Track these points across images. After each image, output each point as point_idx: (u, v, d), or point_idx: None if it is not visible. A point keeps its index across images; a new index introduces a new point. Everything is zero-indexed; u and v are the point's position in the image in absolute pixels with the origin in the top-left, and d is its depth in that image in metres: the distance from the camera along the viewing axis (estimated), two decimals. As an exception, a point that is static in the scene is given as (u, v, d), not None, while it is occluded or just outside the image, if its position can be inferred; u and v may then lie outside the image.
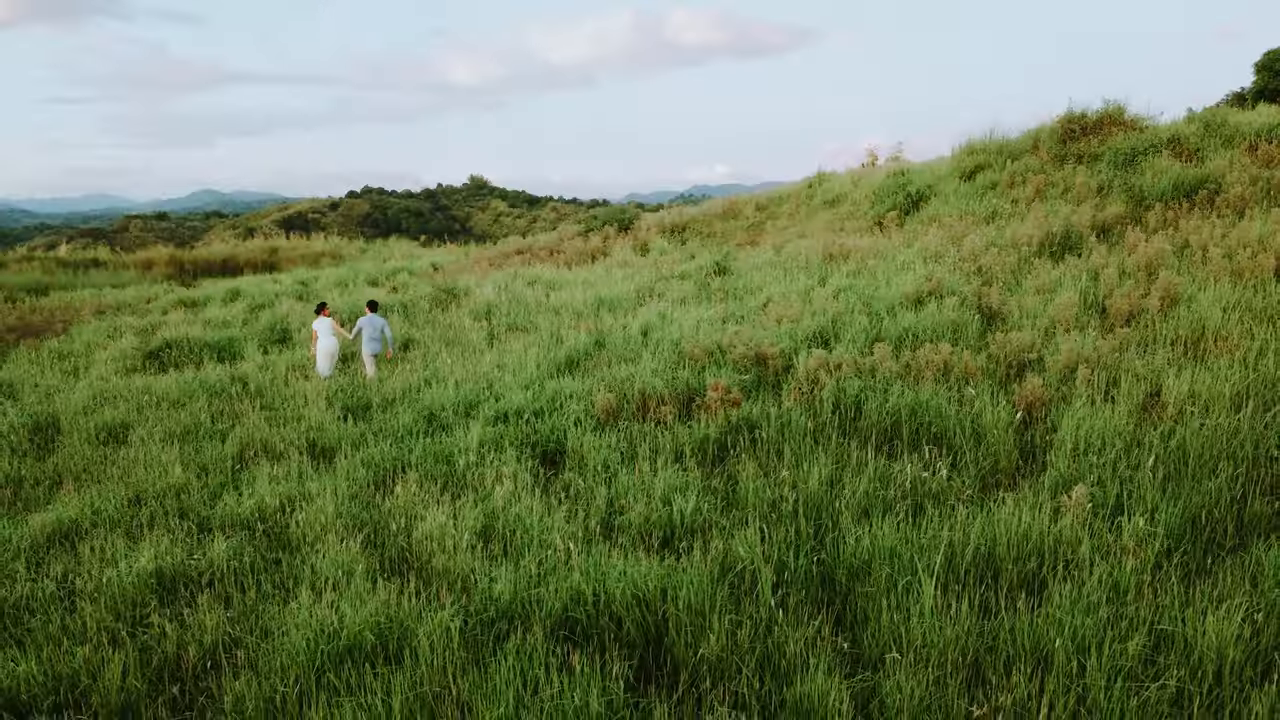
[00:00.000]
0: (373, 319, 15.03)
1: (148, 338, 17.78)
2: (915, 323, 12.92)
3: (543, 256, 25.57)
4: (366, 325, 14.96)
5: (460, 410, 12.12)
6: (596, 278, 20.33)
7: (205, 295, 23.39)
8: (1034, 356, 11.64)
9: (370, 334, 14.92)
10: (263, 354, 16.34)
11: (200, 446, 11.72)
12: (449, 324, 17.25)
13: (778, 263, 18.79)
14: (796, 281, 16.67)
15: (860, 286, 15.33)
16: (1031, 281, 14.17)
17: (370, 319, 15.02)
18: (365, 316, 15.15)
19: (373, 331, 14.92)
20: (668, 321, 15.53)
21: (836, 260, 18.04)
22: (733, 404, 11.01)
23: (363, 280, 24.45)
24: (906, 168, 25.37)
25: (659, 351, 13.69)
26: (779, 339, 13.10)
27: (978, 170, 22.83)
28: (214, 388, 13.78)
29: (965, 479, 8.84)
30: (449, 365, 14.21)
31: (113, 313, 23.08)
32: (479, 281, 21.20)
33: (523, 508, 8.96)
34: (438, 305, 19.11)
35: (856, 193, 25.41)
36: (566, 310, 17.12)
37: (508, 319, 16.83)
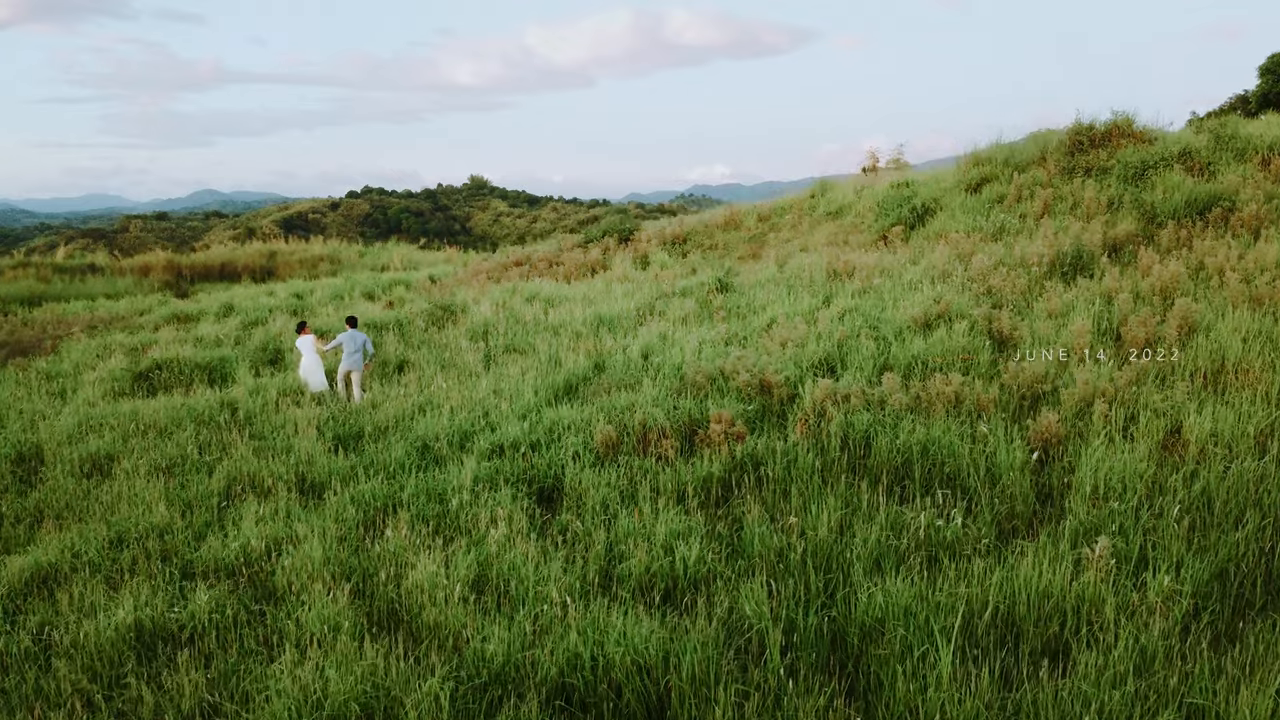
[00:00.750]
0: (353, 334, 14.98)
1: (137, 358, 17.41)
2: (924, 349, 12.55)
3: (541, 268, 25.19)
4: (347, 341, 14.92)
5: (455, 441, 11.75)
6: (596, 294, 19.95)
7: (199, 309, 23.01)
8: (1048, 388, 11.26)
9: (350, 349, 14.87)
10: (254, 376, 15.98)
11: (186, 480, 11.35)
12: (445, 344, 16.88)
13: (781, 279, 18.41)
14: (800, 301, 16.29)
15: (866, 308, 14.95)
16: (1043, 305, 13.79)
17: (350, 334, 14.97)
18: (345, 332, 15.10)
19: (353, 347, 14.86)
20: (669, 344, 15.16)
21: (841, 277, 17.67)
22: (737, 438, 10.63)
23: (359, 294, 24.08)
24: (910, 179, 24.99)
25: (660, 377, 13.32)
26: (784, 365, 12.73)
27: (984, 182, 22.45)
28: (202, 416, 13.41)
29: (981, 526, 8.47)
30: (444, 391, 13.83)
31: (104, 328, 22.72)
32: (476, 297, 20.83)
33: (518, 554, 8.59)
34: (434, 323, 18.73)
35: (860, 203, 25.03)
36: (565, 330, 16.74)
37: (505, 339, 16.45)
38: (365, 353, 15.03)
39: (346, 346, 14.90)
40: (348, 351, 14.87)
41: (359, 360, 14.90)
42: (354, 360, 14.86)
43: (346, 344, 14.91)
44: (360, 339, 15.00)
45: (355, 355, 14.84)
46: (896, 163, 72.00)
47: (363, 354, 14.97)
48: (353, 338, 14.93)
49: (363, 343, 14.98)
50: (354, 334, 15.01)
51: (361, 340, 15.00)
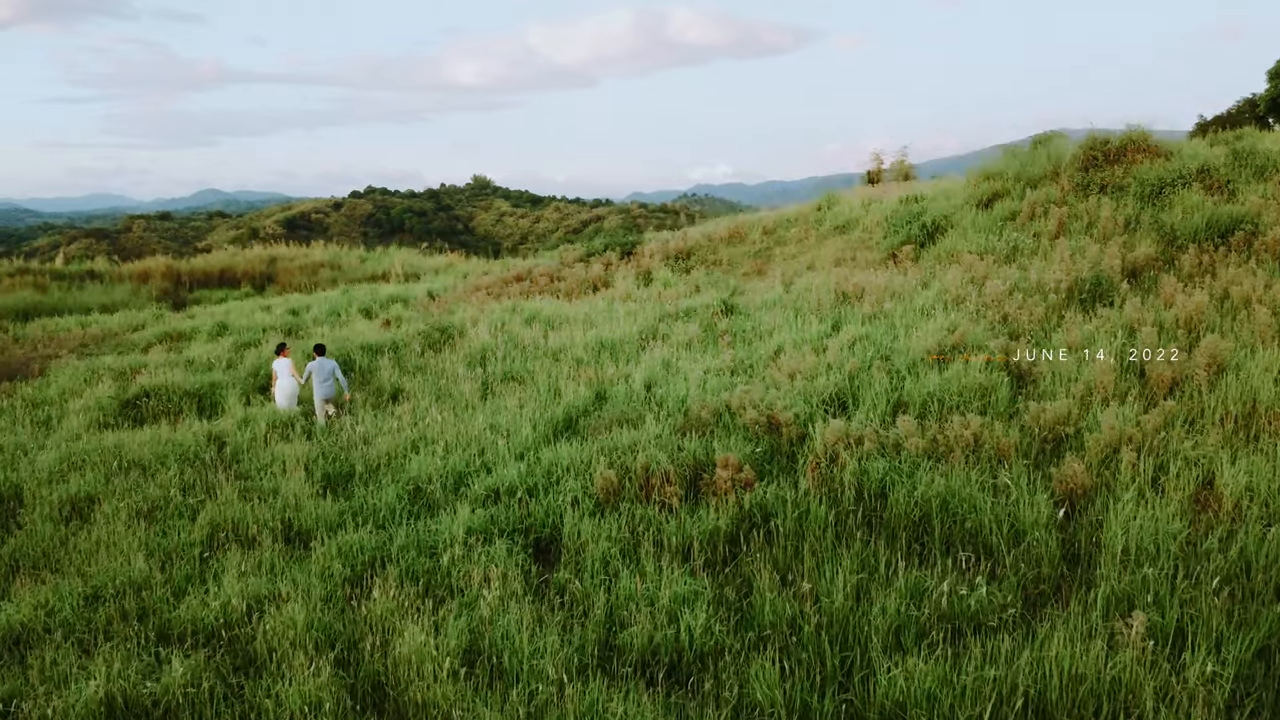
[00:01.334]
0: (322, 363, 14.90)
1: (126, 384, 16.93)
2: (940, 385, 12.02)
3: (542, 284, 24.69)
4: (316, 370, 14.84)
5: (448, 484, 11.25)
6: (598, 314, 19.44)
7: (192, 327, 22.53)
8: (1070, 431, 10.74)
9: (321, 377, 14.79)
10: (244, 405, 15.48)
11: (168, 526, 10.86)
12: (441, 371, 16.37)
13: (787, 301, 17.89)
14: (808, 326, 15.77)
15: (878, 336, 14.43)
16: (1062, 336, 13.26)
17: (320, 363, 14.89)
18: (314, 361, 14.98)
19: (323, 375, 14.79)
20: (672, 372, 14.65)
21: (850, 300, 17.14)
22: (744, 485, 10.12)
23: (355, 310, 23.59)
24: (920, 193, 24.46)
25: (663, 412, 12.82)
26: (792, 401, 12.21)
27: (995, 198, 21.91)
28: (188, 453, 12.91)
29: (1007, 593, 7.95)
30: (439, 425, 13.33)
31: (95, 346, 22.25)
32: (475, 317, 20.32)
33: (512, 620, 8.09)
34: (430, 346, 18.22)
35: (868, 217, 24.49)
36: (566, 355, 16.24)
37: (503, 366, 15.94)
38: (336, 380, 15.00)
39: (316, 375, 14.86)
40: (318, 380, 14.84)
41: (330, 387, 14.90)
42: (326, 388, 14.87)
43: (315, 373, 14.87)
44: (329, 367, 14.96)
45: (326, 383, 14.85)
46: (901, 165, 71.30)
47: (334, 381, 14.94)
48: (321, 366, 14.89)
49: (331, 370, 14.94)
50: (322, 362, 14.95)
51: (330, 368, 14.96)
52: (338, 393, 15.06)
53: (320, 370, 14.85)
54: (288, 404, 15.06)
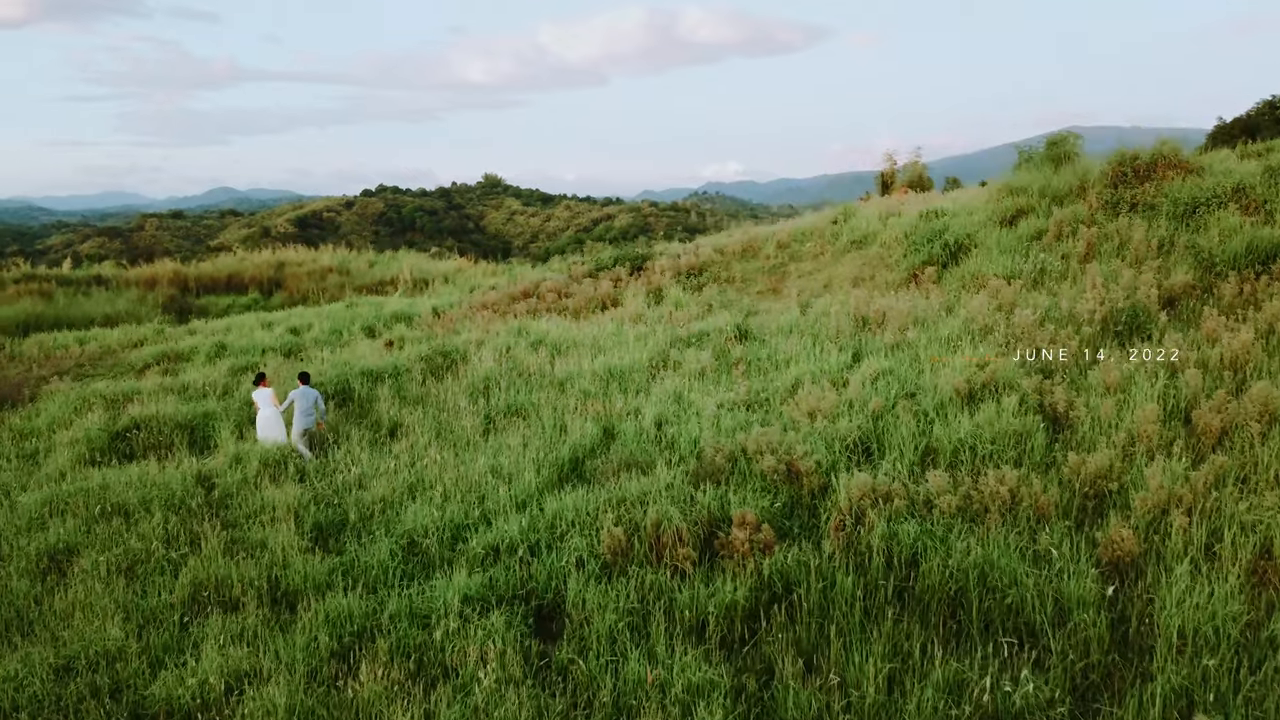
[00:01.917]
0: (305, 392, 14.45)
1: (116, 414, 16.32)
2: (972, 431, 11.27)
3: (550, 301, 23.99)
4: (299, 399, 14.39)
5: (445, 539, 10.57)
6: (606, 337, 18.74)
7: (190, 347, 21.92)
8: (1114, 487, 9.99)
9: (303, 408, 14.36)
10: (236, 439, 14.84)
11: (149, 583, 10.22)
12: (442, 402, 15.70)
13: (804, 326, 17.15)
14: (827, 357, 15.04)
15: (902, 371, 13.69)
16: (1099, 375, 12.49)
17: (302, 392, 14.44)
18: (297, 389, 14.53)
19: (305, 405, 14.37)
20: (684, 406, 13.94)
21: (871, 326, 16.40)
22: (763, 547, 9.41)
23: (359, 329, 22.94)
24: (940, 207, 23.66)
25: (675, 455, 12.13)
26: (813, 446, 11.48)
27: (1019, 215, 21.12)
28: (174, 496, 12.26)
29: (1055, 687, 7.21)
30: (438, 466, 12.65)
31: (91, 366, 21.67)
32: (480, 338, 19.65)
33: (509, 709, 7.40)
34: (433, 372, 17.55)
35: (886, 233, 23.71)
36: (573, 385, 15.55)
37: (507, 397, 15.25)
38: (318, 410, 14.56)
39: (298, 405, 14.41)
40: (300, 410, 14.39)
41: (311, 419, 14.44)
42: (308, 419, 14.42)
43: (298, 402, 14.41)
44: (312, 396, 14.51)
45: (309, 415, 14.40)
46: (915, 166, 70.34)
47: (315, 412, 14.48)
48: (304, 395, 14.43)
49: (314, 400, 14.50)
50: (305, 391, 14.49)
51: (314, 398, 14.52)
52: (315, 423, 14.66)
53: (303, 400, 14.44)
54: (269, 434, 14.62)
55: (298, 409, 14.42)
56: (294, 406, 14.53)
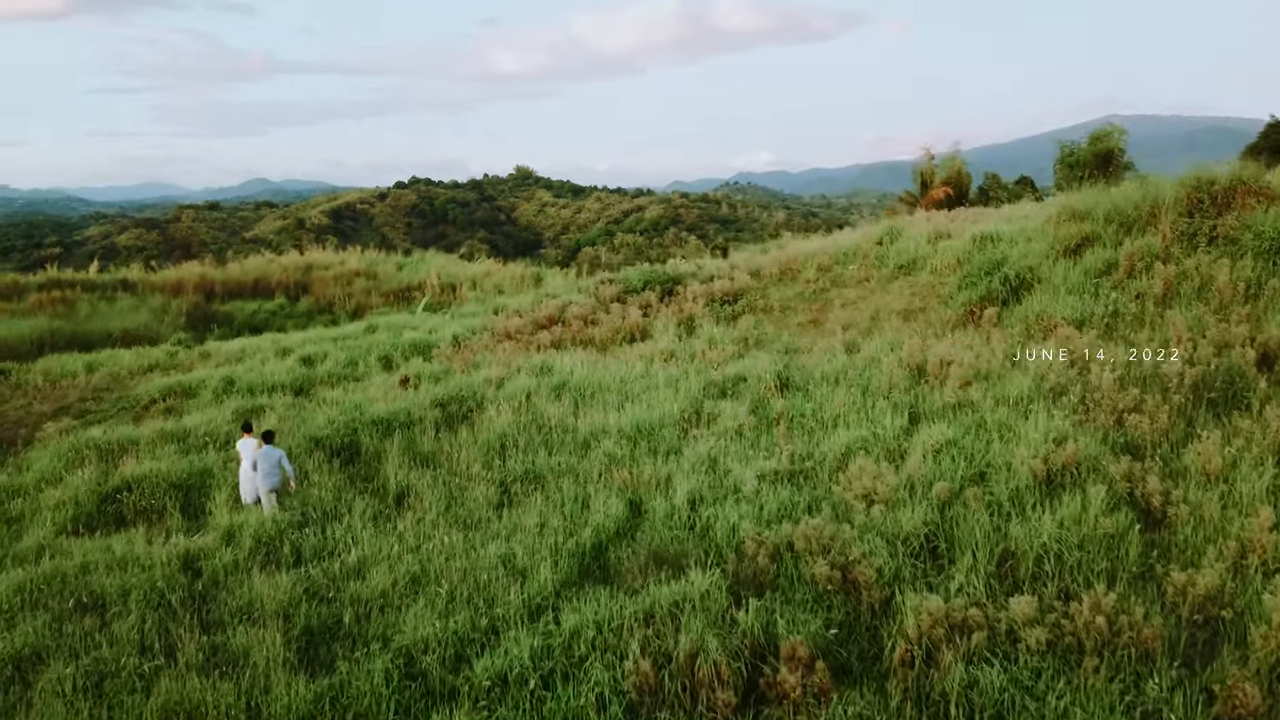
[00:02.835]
0: (268, 451, 13.62)
1: (109, 468, 15.24)
2: (1055, 533, 9.77)
3: (575, 329, 22.64)
4: (262, 458, 13.55)
5: (448, 655, 9.27)
6: (634, 380, 17.35)
7: (199, 380, 20.81)
8: (1228, 615, 8.47)
9: (267, 468, 13.53)
10: (231, 506, 13.67)
11: (117, 703, 9.03)
12: (455, 463, 14.40)
13: (852, 374, 15.65)
14: (880, 419, 13.55)
15: (967, 442, 12.18)
16: (1196, 457, 10.92)
17: (266, 451, 13.61)
18: (261, 449, 13.65)
19: (269, 466, 13.54)
20: (720, 475, 12.55)
21: (928, 379, 14.86)
22: (818, 694, 8.00)
23: (375, 360, 21.74)
24: (994, 231, 21.98)
25: (711, 545, 10.76)
26: (871, 544, 10.05)
27: (1084, 245, 19.40)
28: (155, 586, 11.07)
29: None
30: (444, 550, 11.36)
31: (94, 401, 20.66)
32: (500, 377, 18.36)
33: None
34: (447, 422, 16.24)
35: (936, 258, 22.09)
36: (597, 445, 14.19)
37: (524, 461, 13.91)
38: (284, 470, 13.74)
39: (262, 464, 13.57)
40: (263, 470, 13.57)
41: (275, 479, 13.62)
42: (270, 479, 13.59)
43: (261, 462, 13.57)
44: (275, 456, 13.66)
45: (272, 474, 13.58)
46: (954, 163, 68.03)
47: (280, 472, 13.68)
48: (266, 456, 13.60)
49: (278, 460, 13.67)
50: (268, 451, 13.64)
51: (277, 458, 13.67)
52: (284, 481, 13.83)
53: (265, 460, 13.61)
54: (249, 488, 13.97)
55: (260, 469, 13.65)
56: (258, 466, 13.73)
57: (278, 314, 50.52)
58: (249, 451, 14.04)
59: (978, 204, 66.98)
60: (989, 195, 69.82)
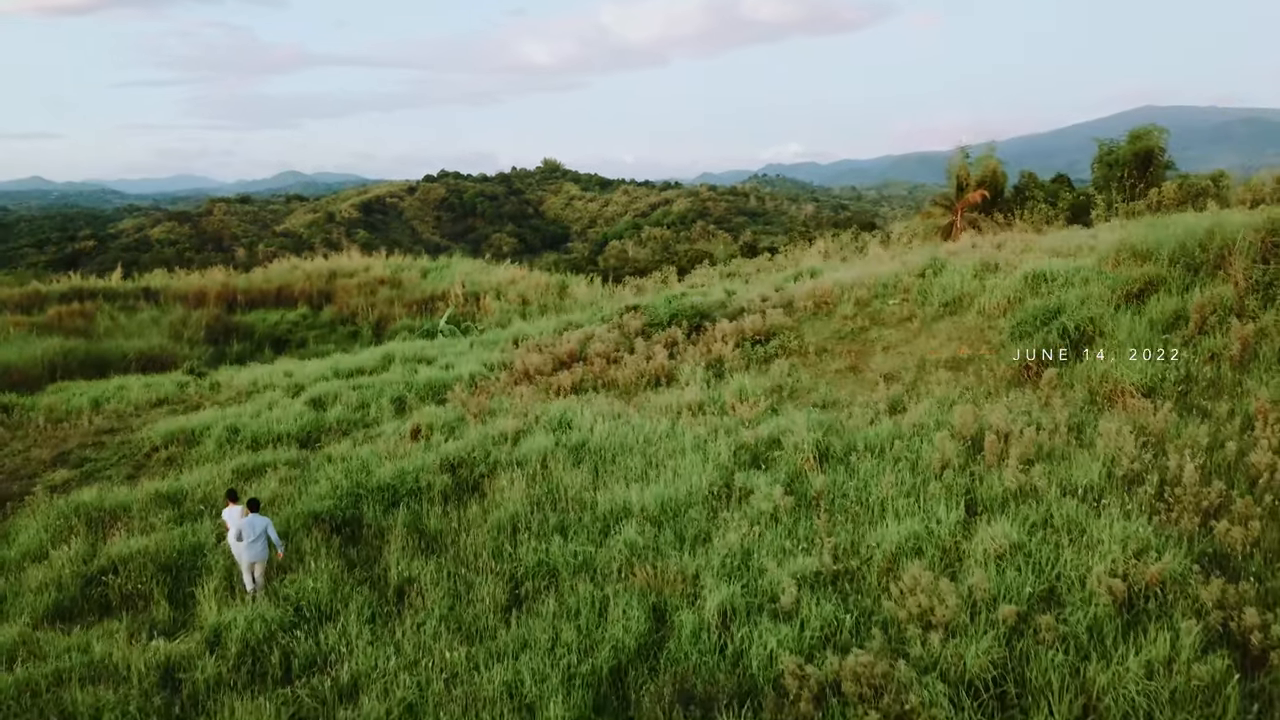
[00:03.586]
0: (253, 521, 12.78)
1: (96, 543, 14.28)
2: (1144, 684, 8.45)
3: (598, 368, 21.41)
4: (246, 528, 12.71)
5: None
6: (659, 438, 16.11)
7: (203, 425, 19.83)
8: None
9: (251, 537, 12.70)
10: (221, 597, 12.61)
11: None
12: (461, 546, 13.23)
13: (899, 445, 14.27)
14: (933, 507, 12.21)
15: (1034, 547, 10.85)
16: (1302, 582, 9.54)
17: (250, 521, 12.77)
18: (245, 518, 12.82)
19: (253, 535, 12.72)
20: (754, 582, 11.28)
21: (984, 455, 13.48)
22: None
23: (387, 403, 20.65)
24: (1047, 269, 20.46)
25: (744, 672, 9.54)
26: (930, 688, 8.78)
27: (1147, 290, 17.92)
28: (128, 709, 10.02)
29: None
30: (444, 671, 10.21)
31: (96, 447, 19.75)
32: (516, 431, 17.21)
33: None
34: (456, 493, 15.09)
35: (984, 296, 20.63)
36: (617, 530, 12.96)
37: (537, 550, 12.70)
38: (270, 540, 12.95)
39: (246, 535, 12.72)
40: (248, 540, 12.74)
41: (261, 550, 12.83)
42: (255, 550, 12.80)
43: (246, 532, 12.72)
44: (260, 526, 12.83)
45: (256, 544, 12.80)
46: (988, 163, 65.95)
47: (266, 543, 12.89)
48: (252, 525, 12.77)
49: (264, 529, 12.84)
50: (254, 520, 12.81)
51: (263, 527, 12.84)
52: (271, 554, 13.05)
53: (250, 529, 12.77)
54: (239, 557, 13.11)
55: (245, 540, 12.79)
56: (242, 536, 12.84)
57: (299, 325, 49.87)
58: (235, 520, 13.29)
59: (1013, 204, 65.05)
60: (1025, 195, 67.81)
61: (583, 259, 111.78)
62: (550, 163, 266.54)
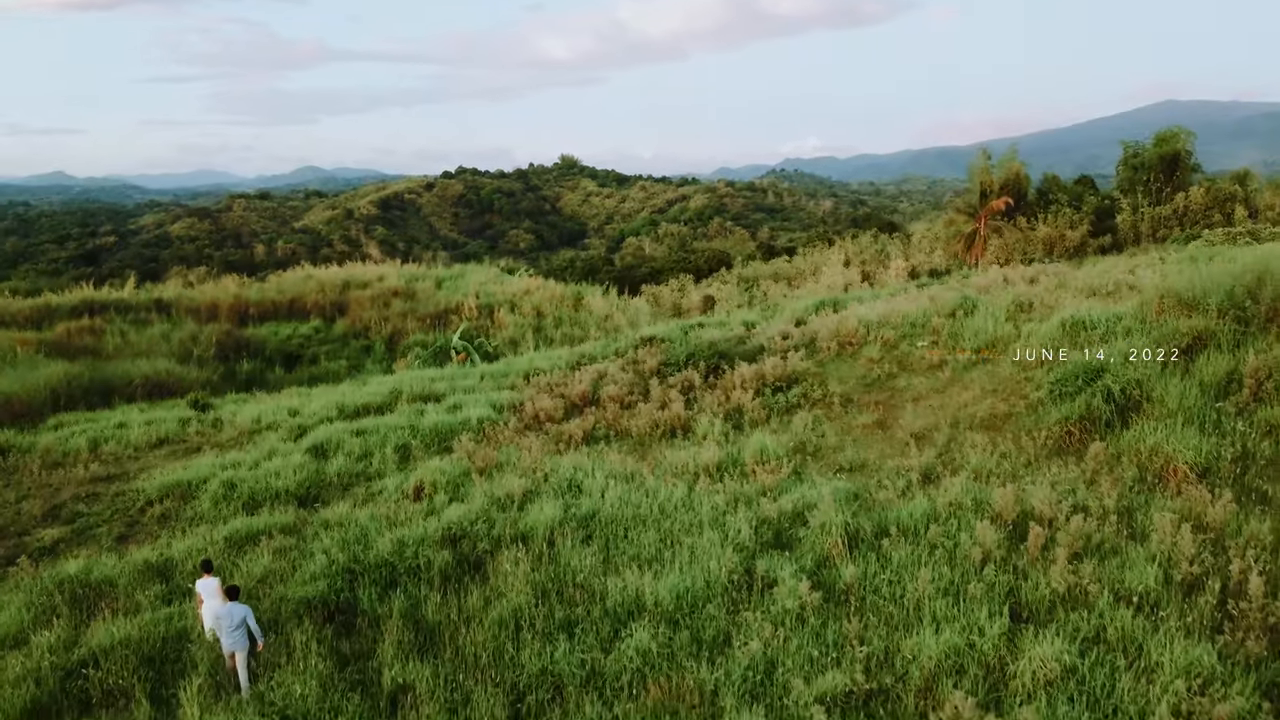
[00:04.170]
0: (231, 610, 11.99)
1: (80, 627, 13.49)
2: None
3: (611, 414, 20.47)
4: (225, 617, 11.94)
5: None
6: (675, 508, 15.16)
7: (200, 478, 19.04)
8: None
9: (230, 626, 11.93)
10: (205, 696, 11.77)
11: None
12: (460, 642, 12.30)
13: (935, 529, 13.23)
14: (974, 613, 11.20)
15: (1086, 670, 9.87)
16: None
17: (230, 610, 11.99)
18: (224, 606, 12.06)
19: (231, 624, 11.94)
20: (778, 701, 10.37)
21: (1027, 549, 12.44)
22: None
23: (391, 452, 19.79)
24: (1086, 316, 19.37)
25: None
26: None
27: (1195, 345, 16.80)
28: None
29: None
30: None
31: (88, 504, 18.99)
32: (523, 493, 16.32)
33: None
34: (456, 573, 14.13)
35: (1019, 344, 19.56)
36: (628, 632, 11.98)
37: (540, 658, 11.71)
38: (249, 631, 12.09)
39: (224, 623, 11.97)
40: (225, 629, 11.99)
41: (240, 639, 12.01)
42: (233, 640, 12.01)
43: (224, 620, 11.97)
44: (239, 615, 12.01)
45: (235, 633, 12.00)
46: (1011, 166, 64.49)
47: (245, 632, 12.04)
48: (231, 614, 12.00)
49: (242, 619, 12.01)
50: (233, 609, 12.05)
51: (241, 617, 12.00)
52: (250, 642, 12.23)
53: (229, 618, 12.02)
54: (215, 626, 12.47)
55: (224, 629, 12.06)
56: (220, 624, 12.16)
57: (311, 340, 49.31)
58: (210, 592, 12.73)
59: (1036, 207, 63.65)
60: (1049, 198, 66.39)
61: (599, 257, 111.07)
62: (567, 159, 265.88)
